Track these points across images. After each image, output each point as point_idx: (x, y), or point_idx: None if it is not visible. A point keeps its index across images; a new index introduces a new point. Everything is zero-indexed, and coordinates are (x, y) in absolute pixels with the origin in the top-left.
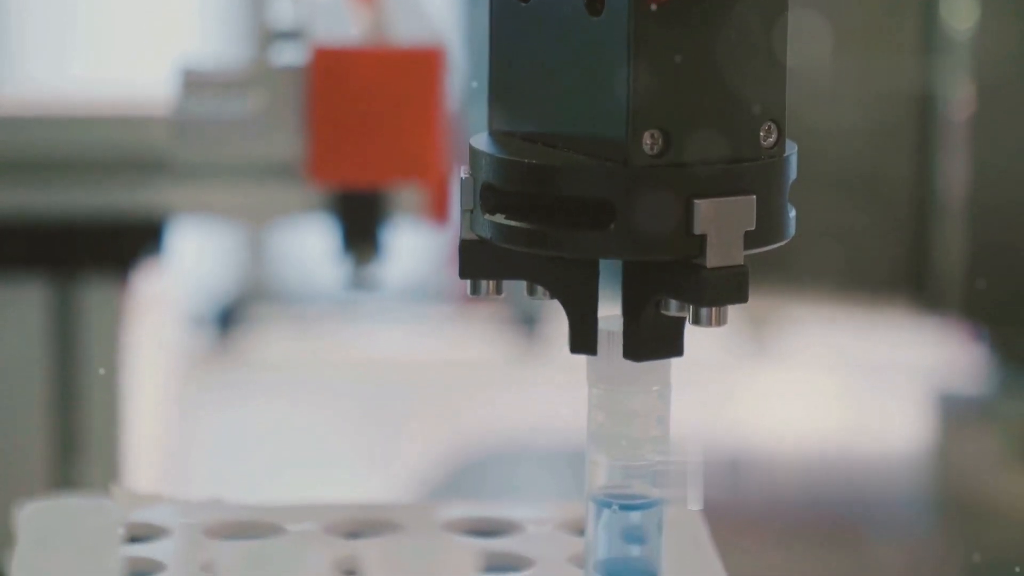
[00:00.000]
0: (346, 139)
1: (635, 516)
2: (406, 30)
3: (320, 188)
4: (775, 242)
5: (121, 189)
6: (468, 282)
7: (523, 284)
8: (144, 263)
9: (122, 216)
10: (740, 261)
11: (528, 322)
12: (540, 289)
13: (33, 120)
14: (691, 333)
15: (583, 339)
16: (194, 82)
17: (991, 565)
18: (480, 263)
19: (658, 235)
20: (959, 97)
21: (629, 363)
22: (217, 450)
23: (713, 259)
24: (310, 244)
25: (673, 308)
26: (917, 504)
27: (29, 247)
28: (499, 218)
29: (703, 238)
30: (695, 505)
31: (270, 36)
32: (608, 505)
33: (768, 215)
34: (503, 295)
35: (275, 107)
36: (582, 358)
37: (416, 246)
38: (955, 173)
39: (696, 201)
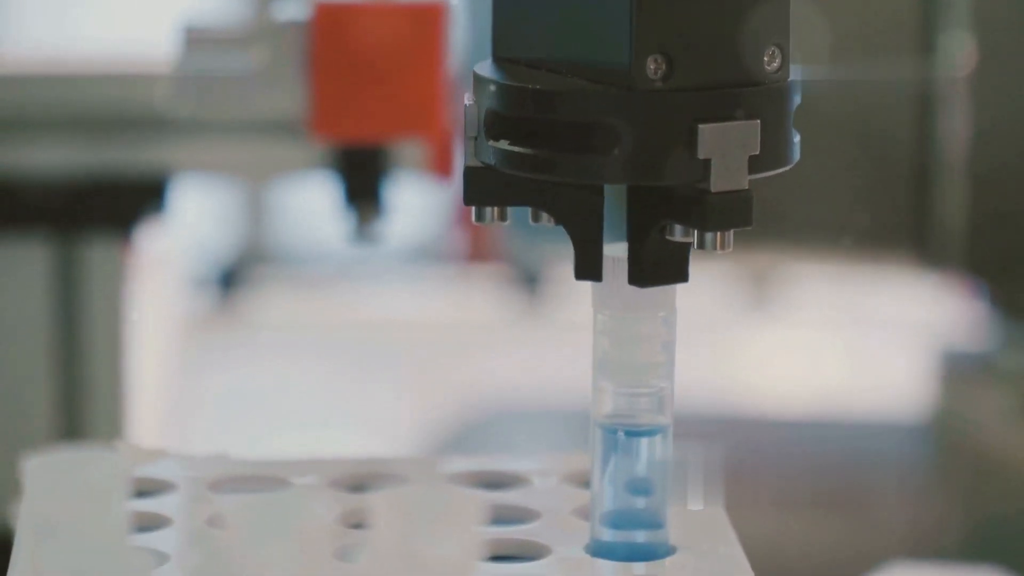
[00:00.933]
0: (348, 95)
1: (641, 442)
2: None
3: (323, 144)
4: (780, 166)
5: (123, 147)
6: (473, 209)
7: (526, 235)
8: (146, 221)
9: (124, 174)
10: (745, 185)
11: (530, 281)
12: (545, 216)
13: (33, 78)
14: (692, 290)
15: (588, 265)
16: (195, 39)
17: (994, 521)
18: (485, 190)
19: (662, 160)
20: (959, 53)
21: (634, 289)
22: (219, 410)
23: (718, 183)
24: (312, 202)
25: (678, 233)
26: (920, 461)
27: (30, 206)
28: (503, 144)
29: (707, 163)
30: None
31: None
32: (614, 432)
33: (773, 140)
34: (508, 222)
35: (277, 63)
36: (585, 317)
37: (419, 203)
38: (956, 129)
39: (700, 126)
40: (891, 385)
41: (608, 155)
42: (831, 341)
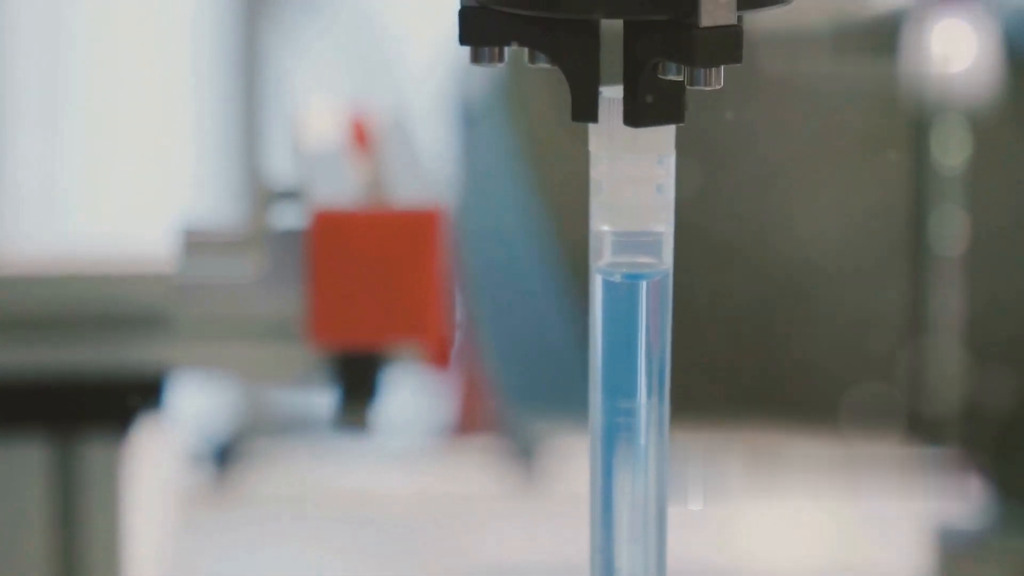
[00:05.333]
0: (346, 300)
1: (642, 286)
2: (404, 188)
3: (320, 349)
4: (770, 3)
5: (120, 347)
6: (470, 50)
7: (520, 408)
8: (144, 419)
9: (121, 373)
10: (733, 21)
11: (525, 455)
12: (542, 57)
13: (27, 278)
14: (683, 463)
15: (584, 106)
16: (194, 242)
17: None
18: (480, 30)
19: None
20: (952, 233)
21: (631, 130)
22: None
23: (706, 18)
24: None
25: (671, 72)
26: None
27: (26, 406)
28: None
29: None
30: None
31: (269, 196)
32: (612, 275)
33: None
34: (504, 63)
35: (275, 268)
36: (582, 493)
37: (415, 389)
38: (950, 306)
39: None
40: (885, 562)
41: None
42: (824, 519)
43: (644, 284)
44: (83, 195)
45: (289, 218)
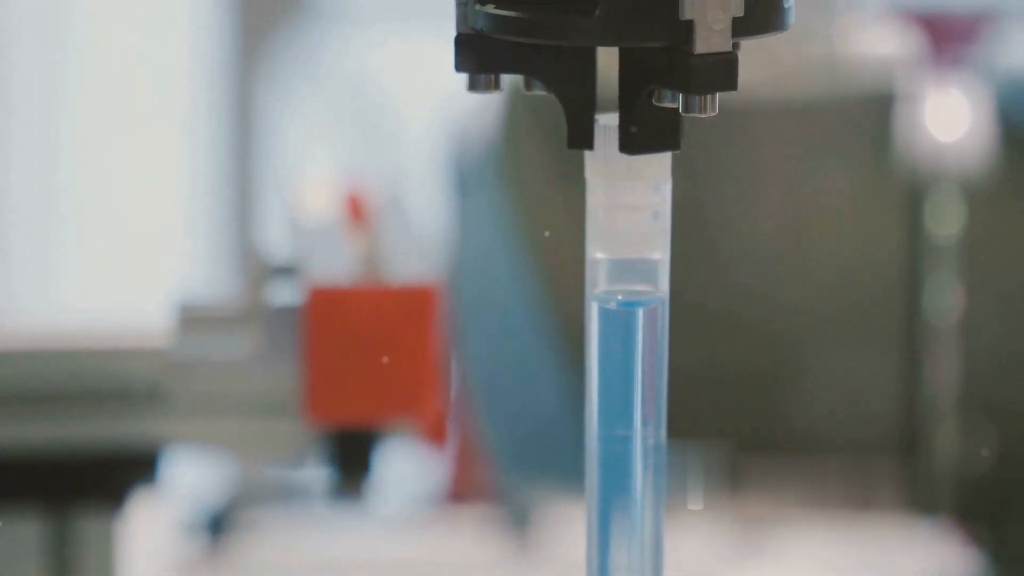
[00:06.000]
0: (342, 377)
1: (638, 312)
2: (400, 263)
3: (315, 426)
4: (767, 31)
5: (115, 422)
6: (467, 77)
7: (515, 475)
8: (139, 494)
9: (117, 448)
10: (728, 48)
11: (520, 523)
12: (537, 84)
13: (22, 353)
14: (679, 537)
15: (580, 134)
16: (189, 318)
17: None
18: (476, 57)
19: (644, 21)
20: (946, 302)
21: (627, 157)
22: None
23: (701, 46)
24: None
25: (667, 99)
26: None
27: (23, 480)
28: (490, 8)
29: (690, 24)
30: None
31: (265, 272)
32: (608, 302)
33: (759, 2)
34: (501, 90)
35: (271, 344)
36: (577, 560)
37: (410, 462)
38: (944, 375)
39: None
40: None
41: (589, 17)
42: None
43: (640, 311)
44: (78, 270)
45: (285, 294)
